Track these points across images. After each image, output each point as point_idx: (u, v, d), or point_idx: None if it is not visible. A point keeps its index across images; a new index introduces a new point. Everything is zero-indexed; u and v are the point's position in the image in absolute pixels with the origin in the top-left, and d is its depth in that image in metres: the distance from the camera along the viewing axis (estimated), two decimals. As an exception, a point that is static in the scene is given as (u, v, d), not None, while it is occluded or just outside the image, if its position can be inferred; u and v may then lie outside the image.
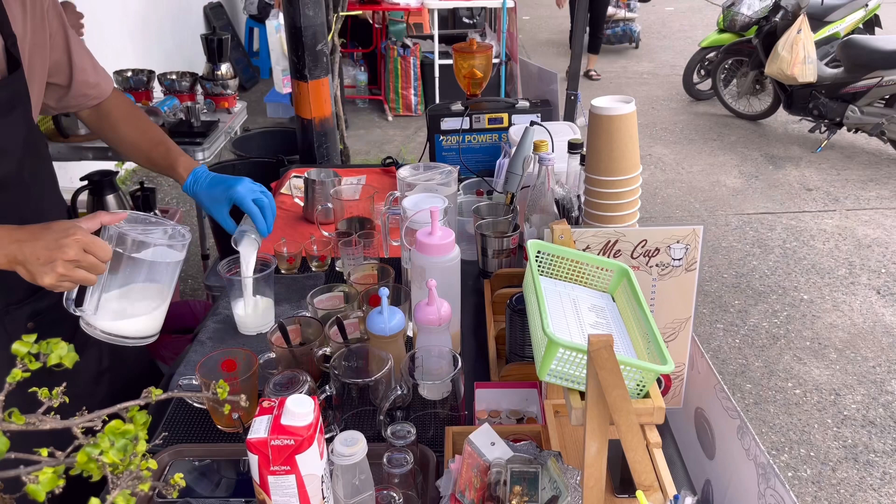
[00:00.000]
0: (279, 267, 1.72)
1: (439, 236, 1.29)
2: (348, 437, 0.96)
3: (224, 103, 3.10)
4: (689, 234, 1.14)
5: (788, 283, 3.77)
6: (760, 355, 3.22)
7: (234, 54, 6.35)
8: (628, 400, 0.82)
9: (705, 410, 1.24)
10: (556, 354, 0.88)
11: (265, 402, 0.91)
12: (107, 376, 1.43)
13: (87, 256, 1.07)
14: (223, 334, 1.51)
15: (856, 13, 5.51)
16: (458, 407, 1.19)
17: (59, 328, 1.28)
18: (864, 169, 5.08)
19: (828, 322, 3.42)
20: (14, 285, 1.18)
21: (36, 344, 0.51)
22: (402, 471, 1.01)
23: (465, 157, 2.15)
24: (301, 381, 1.16)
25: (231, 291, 1.50)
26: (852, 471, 2.58)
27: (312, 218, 1.98)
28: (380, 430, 1.13)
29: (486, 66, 2.22)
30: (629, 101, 1.21)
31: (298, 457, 0.86)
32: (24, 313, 1.26)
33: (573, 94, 2.51)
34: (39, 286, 1.10)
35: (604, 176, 1.24)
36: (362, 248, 1.66)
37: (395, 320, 1.24)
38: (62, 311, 1.18)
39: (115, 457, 0.48)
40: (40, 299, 1.27)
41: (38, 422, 0.51)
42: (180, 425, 1.25)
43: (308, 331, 1.36)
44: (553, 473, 0.96)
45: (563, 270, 1.12)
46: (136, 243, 1.15)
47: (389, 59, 6.13)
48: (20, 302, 1.25)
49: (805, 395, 2.97)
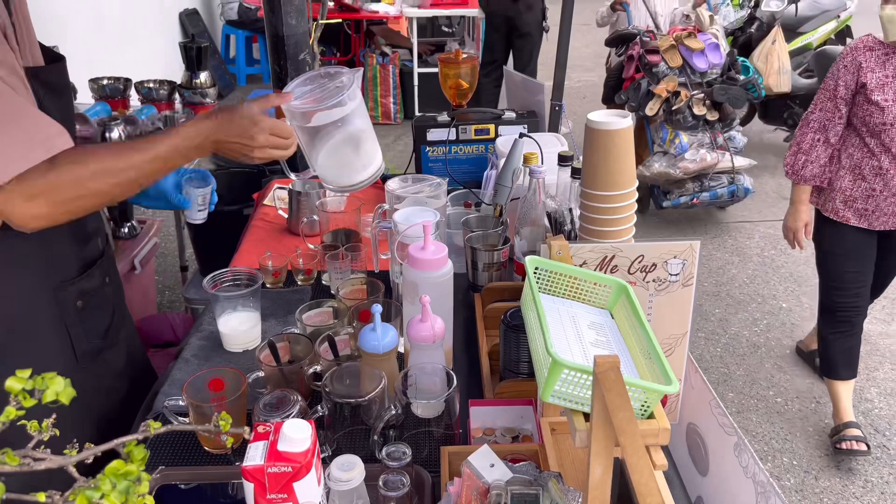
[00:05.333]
0: (264, 281, 1.69)
1: (432, 251, 1.27)
2: (345, 462, 0.94)
3: (203, 112, 3.05)
4: (687, 248, 1.14)
5: (767, 291, 3.80)
6: (742, 364, 3.24)
7: (211, 61, 6.28)
8: (635, 422, 0.81)
9: (698, 426, 1.23)
10: (561, 376, 0.86)
11: (260, 426, 0.88)
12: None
13: (272, 139, 1.28)
14: (208, 351, 1.47)
15: (828, 24, 5.61)
16: (452, 426, 1.17)
17: (104, 308, 1.39)
18: (838, 178, 5.15)
19: (807, 330, 3.45)
20: (66, 264, 1.29)
21: (31, 379, 0.48)
22: (398, 494, 0.99)
23: (451, 168, 2.13)
24: (292, 401, 1.13)
25: (216, 307, 1.47)
26: (835, 479, 2.60)
27: (297, 230, 1.95)
28: (373, 450, 1.10)
29: (472, 76, 2.21)
30: (626, 115, 1.21)
31: (296, 484, 0.84)
32: (74, 291, 1.30)
33: (557, 105, 2.51)
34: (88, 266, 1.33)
35: (600, 191, 1.23)
36: (349, 261, 1.63)
37: (389, 337, 1.21)
38: (107, 293, 1.39)
39: (117, 500, 0.45)
40: (89, 278, 1.34)
41: (32, 461, 0.48)
42: (165, 447, 1.21)
43: (297, 348, 1.32)
44: (554, 495, 0.94)
45: (561, 287, 1.10)
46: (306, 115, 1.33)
47: (368, 67, 6.11)
48: (72, 280, 1.30)
49: (786, 403, 3.00)
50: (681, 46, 4.16)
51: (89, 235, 1.35)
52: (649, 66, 4.20)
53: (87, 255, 1.34)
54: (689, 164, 4.10)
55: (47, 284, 1.26)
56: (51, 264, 1.26)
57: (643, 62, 4.24)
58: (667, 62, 4.17)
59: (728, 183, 4.25)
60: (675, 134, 4.15)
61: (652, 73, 4.20)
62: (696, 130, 4.15)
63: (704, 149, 4.12)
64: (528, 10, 5.23)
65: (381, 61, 6.11)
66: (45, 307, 1.26)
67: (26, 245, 1.20)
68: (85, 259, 1.33)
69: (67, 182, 1.12)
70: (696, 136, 4.16)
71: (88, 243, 1.35)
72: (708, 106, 4.11)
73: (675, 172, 4.12)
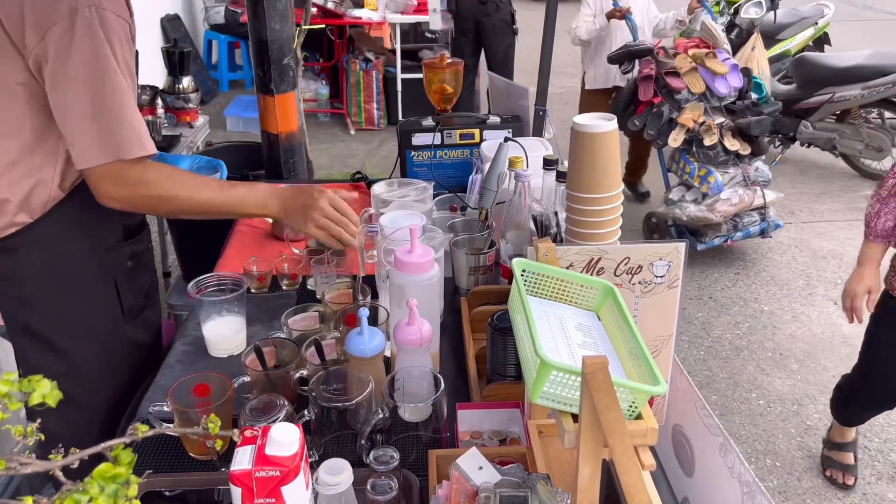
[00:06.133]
0: (249, 286, 1.68)
1: (419, 254, 1.27)
2: (333, 466, 0.93)
3: (186, 117, 3.04)
4: (672, 251, 1.14)
5: (749, 294, 3.84)
6: (725, 367, 3.26)
7: (193, 67, 6.23)
8: (623, 422, 0.81)
9: (684, 427, 1.24)
10: (549, 377, 0.86)
11: (247, 430, 0.88)
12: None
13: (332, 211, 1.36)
14: (193, 357, 1.46)
15: (806, 31, 5.69)
16: (440, 429, 1.17)
17: (149, 270, 1.59)
18: (818, 182, 5.22)
19: (788, 333, 3.49)
20: (112, 229, 1.45)
21: (17, 382, 0.47)
22: (386, 498, 0.98)
23: (436, 172, 2.13)
24: (278, 406, 1.12)
25: (201, 312, 1.46)
26: (817, 480, 2.62)
27: (282, 235, 1.94)
28: (360, 454, 1.10)
29: (457, 81, 2.22)
30: (611, 118, 1.21)
31: (284, 488, 0.83)
32: (125, 252, 1.49)
33: (541, 110, 2.52)
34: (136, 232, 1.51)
35: (586, 193, 1.24)
36: (335, 265, 1.63)
37: (376, 341, 1.21)
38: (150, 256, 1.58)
39: (106, 502, 0.45)
40: (139, 242, 1.53)
41: (19, 466, 0.47)
42: (149, 453, 1.20)
43: (283, 353, 1.32)
44: (543, 497, 0.94)
45: (548, 289, 1.11)
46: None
47: (351, 73, 6.11)
48: (122, 241, 1.48)
49: (769, 405, 3.02)
50: (701, 69, 3.73)
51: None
52: (670, 90, 3.75)
53: (133, 223, 1.51)
54: (729, 208, 3.82)
55: (99, 246, 1.43)
56: (102, 229, 1.43)
57: (661, 85, 3.78)
58: (689, 87, 3.73)
59: (760, 220, 3.99)
60: (708, 171, 3.81)
61: (674, 100, 3.76)
62: (727, 166, 3.84)
63: (741, 188, 3.85)
64: (497, 10, 5.23)
65: (365, 67, 6.10)
66: (96, 267, 1.43)
67: (82, 211, 1.37)
68: (131, 226, 1.50)
69: (153, 188, 1.30)
70: (729, 172, 3.84)
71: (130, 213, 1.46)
72: (739, 139, 3.76)
73: (715, 217, 3.82)
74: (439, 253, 1.40)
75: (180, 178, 1.35)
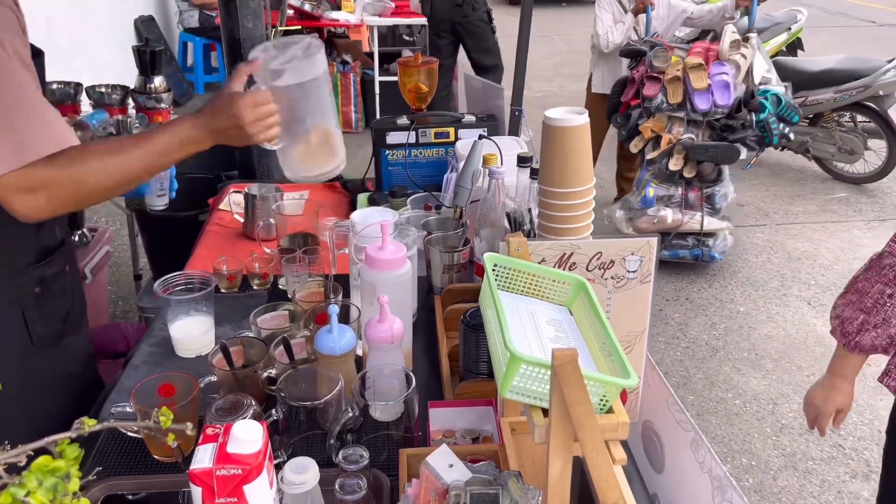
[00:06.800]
0: (219, 286, 1.65)
1: (390, 251, 1.25)
2: (299, 464, 0.91)
3: (158, 117, 2.98)
4: (644, 245, 1.14)
5: (725, 295, 3.86)
6: (701, 367, 3.27)
7: (167, 69, 6.16)
8: (593, 416, 0.80)
9: (654, 423, 1.23)
10: (519, 370, 0.85)
11: (209, 428, 0.85)
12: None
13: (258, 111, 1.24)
14: (159, 357, 1.42)
15: (779, 36, 5.77)
16: (411, 428, 1.15)
17: (64, 294, 1.39)
18: (791, 185, 5.28)
19: (763, 333, 3.52)
20: (23, 250, 1.28)
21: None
22: (355, 497, 0.96)
23: (411, 171, 2.12)
24: (245, 406, 1.10)
25: (168, 311, 1.42)
26: (792, 479, 2.64)
27: (253, 234, 1.91)
28: (330, 454, 1.07)
29: (432, 80, 2.21)
30: (582, 112, 1.21)
31: (246, 487, 0.80)
32: (32, 278, 1.30)
33: (517, 110, 2.51)
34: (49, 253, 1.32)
35: (557, 188, 1.23)
36: (307, 264, 1.60)
37: (346, 339, 1.19)
38: (67, 279, 1.38)
39: (44, 497, 0.42)
40: (48, 266, 1.33)
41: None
42: (112, 456, 1.17)
43: (251, 352, 1.29)
44: (514, 494, 0.92)
45: (519, 284, 1.09)
46: (277, 73, 1.28)
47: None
48: (28, 267, 1.30)
49: (744, 405, 3.04)
50: (686, 78, 3.58)
51: (49, 223, 1.33)
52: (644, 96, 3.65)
53: (47, 243, 1.34)
54: (643, 224, 3.77)
55: (3, 270, 1.26)
56: (8, 250, 1.27)
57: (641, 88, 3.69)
58: (666, 95, 3.62)
59: (692, 245, 3.88)
60: (647, 183, 3.73)
61: (645, 106, 3.68)
62: (671, 183, 3.73)
63: (670, 208, 3.75)
64: (473, 11, 5.22)
65: (342, 69, 6.08)
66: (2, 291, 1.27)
67: None
68: (44, 246, 1.33)
69: (66, 178, 1.13)
70: (668, 191, 3.75)
71: (48, 231, 1.34)
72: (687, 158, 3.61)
73: (624, 229, 3.82)
74: (413, 251, 1.38)
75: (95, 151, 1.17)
